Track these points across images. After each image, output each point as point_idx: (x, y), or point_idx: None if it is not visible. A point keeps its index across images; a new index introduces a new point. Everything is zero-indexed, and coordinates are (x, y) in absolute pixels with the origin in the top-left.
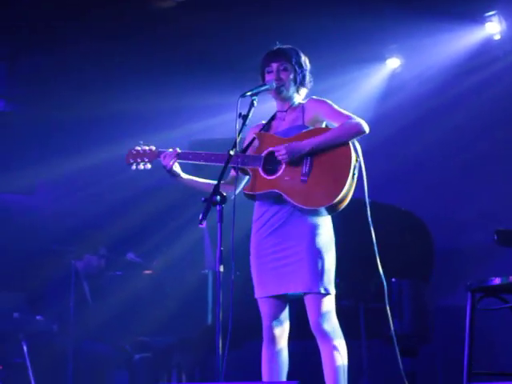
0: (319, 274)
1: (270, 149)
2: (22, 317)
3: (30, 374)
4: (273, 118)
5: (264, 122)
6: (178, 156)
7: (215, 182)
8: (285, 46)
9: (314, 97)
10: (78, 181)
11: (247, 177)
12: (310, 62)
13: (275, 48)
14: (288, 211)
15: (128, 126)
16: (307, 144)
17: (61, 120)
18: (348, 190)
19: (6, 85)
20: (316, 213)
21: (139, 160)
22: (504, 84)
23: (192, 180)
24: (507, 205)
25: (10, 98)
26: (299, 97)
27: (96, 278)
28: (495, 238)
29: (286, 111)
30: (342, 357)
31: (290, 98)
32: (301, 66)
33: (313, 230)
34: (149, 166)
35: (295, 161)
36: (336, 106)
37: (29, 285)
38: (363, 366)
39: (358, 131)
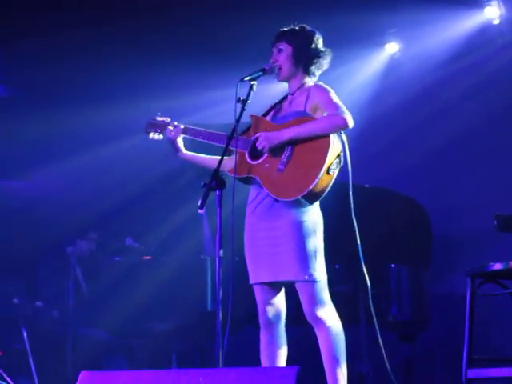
0: (306, 262)
1: (258, 134)
2: (21, 303)
3: (30, 359)
4: (284, 98)
5: (277, 101)
6: (183, 130)
7: (218, 157)
8: (289, 27)
9: (319, 83)
10: (76, 167)
11: None
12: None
13: (280, 29)
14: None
15: (125, 107)
16: (286, 133)
17: (60, 105)
18: (322, 184)
19: (4, 70)
20: (294, 202)
21: (154, 130)
22: (502, 69)
23: (194, 156)
24: (506, 190)
25: (9, 82)
26: (309, 78)
27: (93, 264)
28: (495, 223)
29: (293, 94)
30: (338, 341)
31: (296, 80)
32: (300, 44)
33: (297, 219)
34: (161, 136)
35: (275, 149)
36: (333, 96)
37: (27, 271)
38: (363, 352)
39: (338, 125)
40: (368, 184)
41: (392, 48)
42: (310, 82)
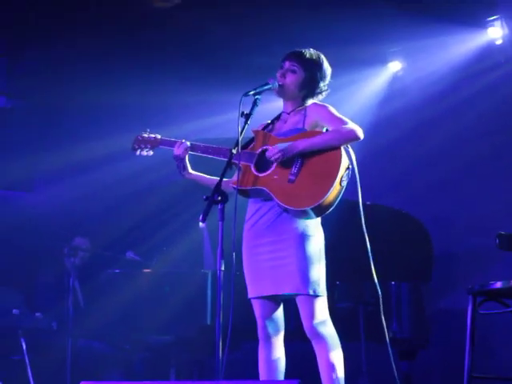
0: (307, 277)
1: (264, 147)
2: (21, 313)
3: (29, 371)
4: (277, 118)
5: (269, 121)
6: (191, 147)
7: (225, 179)
8: (310, 51)
9: (316, 101)
10: (76, 177)
11: None
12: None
13: (300, 49)
14: (277, 211)
15: (127, 122)
16: (298, 145)
17: (60, 116)
18: (334, 195)
19: (5, 81)
20: (303, 214)
21: (143, 146)
22: (505, 89)
23: (200, 176)
24: (508, 208)
25: (10, 94)
26: (305, 101)
27: (92, 275)
28: (497, 241)
29: (289, 113)
30: (337, 357)
31: (294, 101)
32: (313, 75)
33: (301, 232)
34: (151, 152)
35: (286, 161)
36: (335, 112)
37: (27, 282)
38: (362, 369)
39: (350, 137)
40: (369, 201)
41: (395, 66)
42: (306, 103)
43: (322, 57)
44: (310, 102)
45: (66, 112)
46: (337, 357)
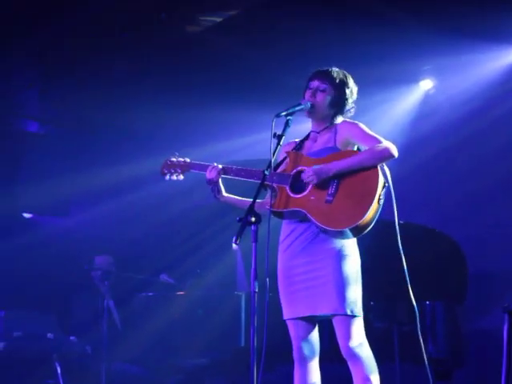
0: (345, 297)
1: (299, 168)
2: (55, 338)
3: None
4: (306, 137)
5: (297, 139)
6: (223, 170)
7: (259, 201)
8: (335, 69)
9: (347, 119)
10: (110, 201)
11: None
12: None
13: (325, 68)
14: (314, 231)
15: (159, 145)
16: (334, 167)
17: (92, 141)
18: (372, 214)
19: (38, 107)
20: (340, 234)
21: (173, 171)
22: None
23: (235, 198)
24: None
25: (43, 120)
26: (335, 120)
27: (126, 298)
28: None
29: (319, 132)
30: (373, 378)
31: (324, 120)
32: (343, 92)
33: (338, 252)
34: (181, 177)
35: (322, 182)
36: (367, 130)
37: (62, 306)
38: None
39: (385, 155)
40: (402, 220)
41: (426, 85)
42: (335, 121)
43: (348, 74)
44: (339, 120)
45: (99, 136)
46: (374, 378)
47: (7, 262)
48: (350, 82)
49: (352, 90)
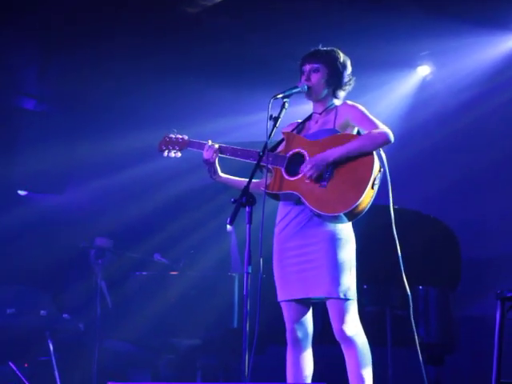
0: (338, 280)
1: (295, 150)
2: (48, 315)
3: (56, 372)
4: (308, 118)
5: (300, 120)
6: (220, 150)
7: (255, 180)
8: (322, 48)
9: (348, 101)
10: (107, 182)
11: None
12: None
13: (312, 49)
14: (308, 214)
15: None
16: (332, 154)
17: (89, 119)
18: (366, 199)
19: (37, 85)
20: (334, 219)
21: (171, 147)
22: None
23: (231, 178)
24: None
25: (41, 97)
26: (337, 100)
27: (118, 277)
28: None
29: (320, 113)
30: (366, 362)
31: (324, 100)
32: (335, 67)
33: (332, 236)
34: (179, 154)
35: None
36: (367, 113)
37: (55, 283)
38: (388, 374)
39: (383, 141)
40: (397, 205)
41: (424, 70)
42: (336, 101)
43: (336, 49)
44: (341, 95)
45: (96, 115)
46: (366, 361)
47: (1, 238)
48: (340, 55)
49: (344, 62)
